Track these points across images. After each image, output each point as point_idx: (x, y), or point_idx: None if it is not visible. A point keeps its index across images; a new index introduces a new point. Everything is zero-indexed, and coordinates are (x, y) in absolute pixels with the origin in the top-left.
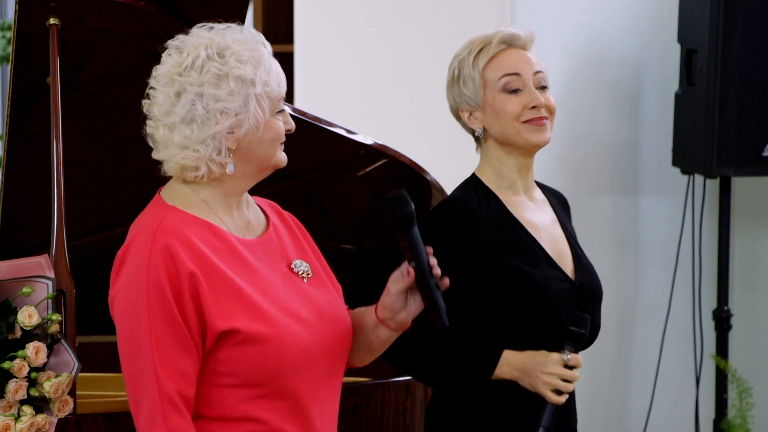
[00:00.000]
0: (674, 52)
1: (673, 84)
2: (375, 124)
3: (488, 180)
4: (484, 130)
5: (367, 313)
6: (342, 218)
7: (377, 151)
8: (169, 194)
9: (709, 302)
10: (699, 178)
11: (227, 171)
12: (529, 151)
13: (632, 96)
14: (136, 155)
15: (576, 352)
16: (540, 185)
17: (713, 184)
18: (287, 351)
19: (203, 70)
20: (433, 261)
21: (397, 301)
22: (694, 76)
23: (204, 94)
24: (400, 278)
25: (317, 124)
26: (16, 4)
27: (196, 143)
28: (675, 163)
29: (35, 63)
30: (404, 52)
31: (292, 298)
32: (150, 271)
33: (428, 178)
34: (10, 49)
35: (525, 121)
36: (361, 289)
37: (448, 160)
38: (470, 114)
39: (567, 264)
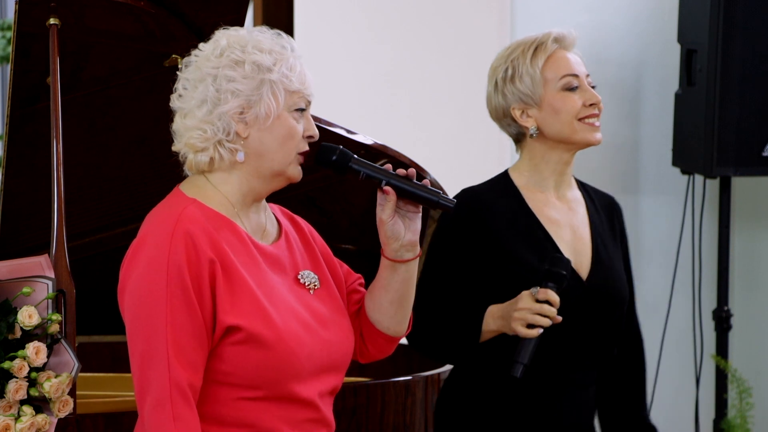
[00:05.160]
0: (674, 52)
1: (673, 84)
2: (375, 124)
3: (519, 177)
4: (538, 128)
5: (377, 276)
6: (342, 218)
7: (377, 151)
8: (189, 187)
9: (709, 302)
10: (699, 178)
11: (237, 159)
12: (577, 148)
13: (632, 96)
14: (136, 155)
15: (558, 291)
16: (585, 187)
17: (713, 184)
18: (291, 357)
19: (223, 55)
20: (400, 170)
21: (396, 225)
22: (694, 76)
23: (218, 75)
24: (384, 203)
25: (317, 124)
26: (16, 4)
27: (204, 122)
28: (675, 163)
29: (35, 63)
30: (404, 52)
31: (297, 307)
32: (171, 256)
33: (428, 178)
34: (10, 49)
35: (582, 119)
36: None
37: (448, 160)
38: (523, 111)
39: (582, 263)
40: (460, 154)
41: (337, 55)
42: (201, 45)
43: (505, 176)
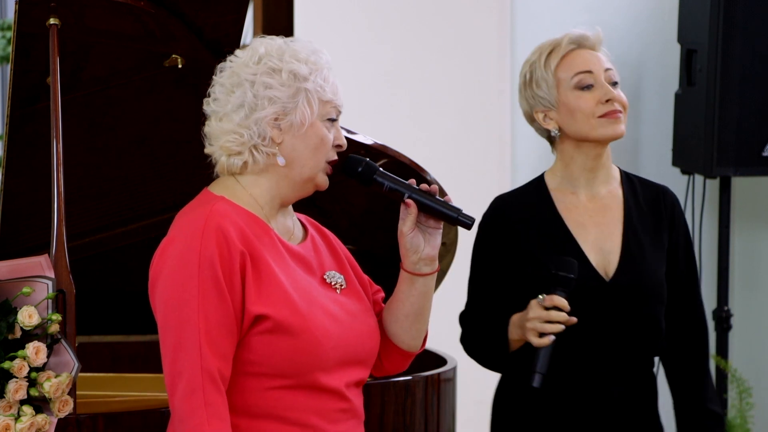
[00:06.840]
0: (674, 52)
1: (673, 84)
2: (375, 124)
3: (552, 180)
4: (560, 129)
5: (396, 289)
6: (342, 218)
7: (377, 151)
8: (218, 188)
9: (709, 302)
10: (699, 178)
11: (279, 162)
12: (602, 144)
13: (632, 96)
14: (136, 155)
15: (567, 295)
16: (631, 179)
17: (713, 184)
18: (317, 347)
19: (261, 62)
20: (423, 185)
21: (415, 238)
22: (694, 76)
23: (256, 81)
24: (405, 216)
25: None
26: (16, 4)
27: (240, 127)
28: (675, 163)
29: (35, 63)
30: (404, 52)
31: (324, 302)
32: (203, 249)
33: (428, 178)
34: (10, 49)
35: (600, 116)
36: None
37: (448, 160)
38: (545, 115)
39: (610, 262)
40: (460, 154)
41: (337, 55)
42: (237, 51)
43: (539, 180)
